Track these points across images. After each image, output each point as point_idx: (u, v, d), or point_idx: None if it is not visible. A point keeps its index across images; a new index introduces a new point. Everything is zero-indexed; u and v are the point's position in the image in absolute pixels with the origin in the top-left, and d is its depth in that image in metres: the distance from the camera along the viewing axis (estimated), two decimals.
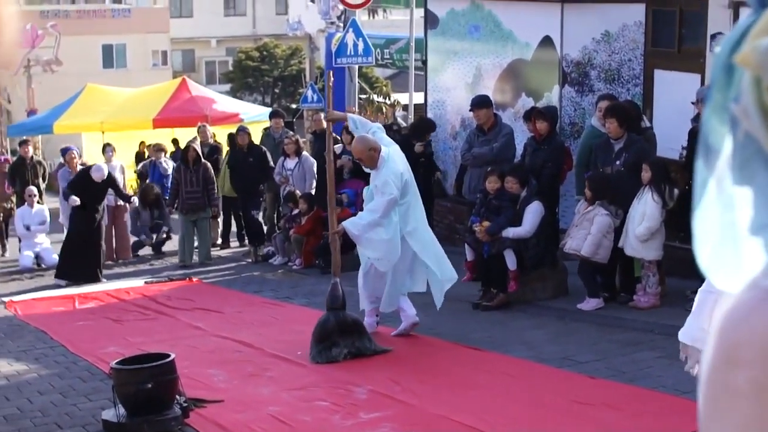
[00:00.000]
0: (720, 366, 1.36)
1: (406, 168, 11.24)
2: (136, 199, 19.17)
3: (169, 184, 19.77)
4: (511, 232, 12.59)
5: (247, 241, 19.49)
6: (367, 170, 11.64)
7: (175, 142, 26.04)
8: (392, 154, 11.17)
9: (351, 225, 11.10)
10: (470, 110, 15.06)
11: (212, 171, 18.59)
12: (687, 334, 5.35)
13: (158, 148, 22.45)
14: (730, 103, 1.40)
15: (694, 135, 11.93)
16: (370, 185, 11.42)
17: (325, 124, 13.81)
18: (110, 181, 17.40)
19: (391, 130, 17.81)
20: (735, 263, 1.44)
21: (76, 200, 16.98)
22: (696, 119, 12.28)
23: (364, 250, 11.36)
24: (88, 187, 16.96)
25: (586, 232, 12.18)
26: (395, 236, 11.06)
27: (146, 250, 20.17)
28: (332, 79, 12.23)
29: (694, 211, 1.51)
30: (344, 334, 10.69)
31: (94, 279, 16.83)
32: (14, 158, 23.32)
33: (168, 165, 21.75)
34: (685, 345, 5.42)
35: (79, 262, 16.78)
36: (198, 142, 20.23)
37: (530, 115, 14.29)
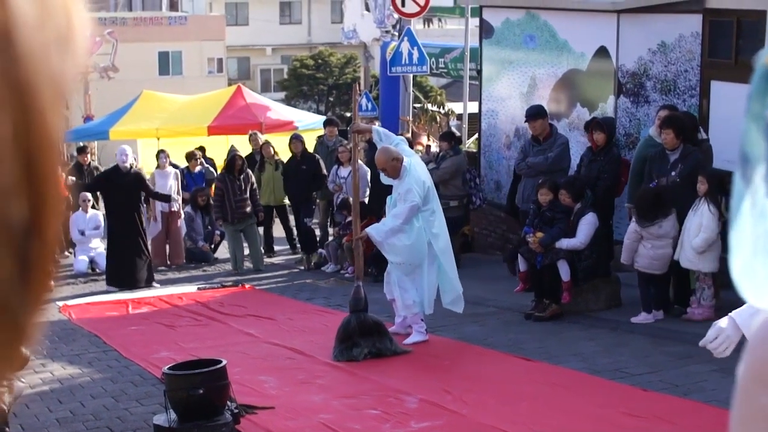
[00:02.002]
0: (748, 383, 1.34)
1: (427, 177, 11.77)
2: (176, 200, 19.12)
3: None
4: (564, 244, 12.54)
5: (299, 249, 19.59)
6: (387, 182, 11.95)
7: (201, 149, 26.15)
8: (414, 164, 11.65)
9: (374, 231, 11.62)
10: (525, 121, 15.02)
11: (253, 177, 18.73)
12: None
13: (194, 158, 22.39)
14: (766, 111, 1.38)
15: None
16: (393, 194, 11.81)
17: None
18: (139, 180, 17.36)
19: (453, 137, 17.78)
20: (765, 277, 1.42)
21: (173, 203, 17.21)
22: None
23: (386, 255, 11.82)
24: (117, 184, 16.97)
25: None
26: (417, 241, 11.52)
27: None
28: (359, 91, 12.58)
29: (730, 223, 1.49)
30: (365, 335, 11.18)
31: (142, 284, 16.90)
32: (71, 164, 23.48)
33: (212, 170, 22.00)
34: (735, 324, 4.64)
35: (124, 268, 16.84)
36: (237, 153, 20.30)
37: (589, 126, 14.26)
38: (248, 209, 18.34)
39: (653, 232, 11.95)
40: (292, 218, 20.45)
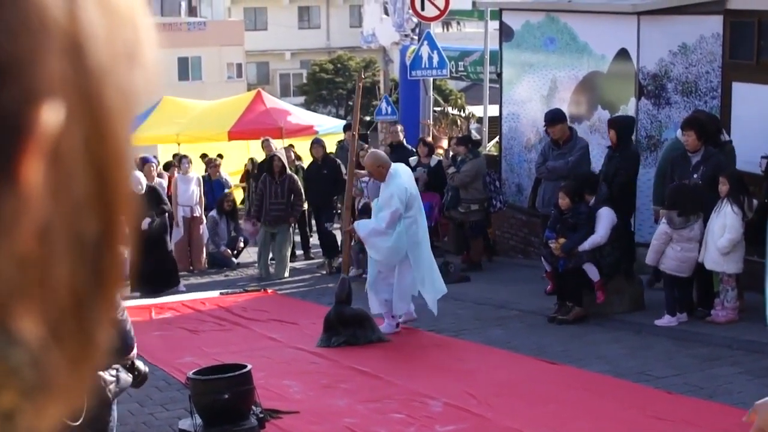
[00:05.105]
0: None
1: (411, 185, 12.30)
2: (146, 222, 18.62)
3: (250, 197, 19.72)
4: (587, 244, 12.50)
5: (312, 255, 19.75)
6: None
7: (203, 156, 26.29)
8: (399, 170, 12.21)
9: (360, 227, 12.44)
10: (544, 127, 14.98)
11: (299, 183, 18.61)
12: None
13: (215, 164, 22.54)
14: None
15: None
16: (379, 198, 12.45)
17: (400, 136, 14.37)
18: (155, 196, 17.27)
19: (471, 141, 17.78)
20: None
21: (146, 222, 17.09)
22: None
23: (369, 251, 12.54)
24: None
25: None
26: (398, 244, 12.03)
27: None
28: (364, 81, 13.47)
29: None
30: (345, 324, 12.00)
31: (168, 287, 16.91)
32: None
33: (228, 178, 22.13)
34: None
35: (146, 275, 16.80)
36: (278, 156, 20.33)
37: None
38: (283, 214, 18.27)
39: (684, 234, 11.91)
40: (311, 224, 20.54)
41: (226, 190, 21.46)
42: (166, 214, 17.36)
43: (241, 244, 20.57)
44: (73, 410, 0.73)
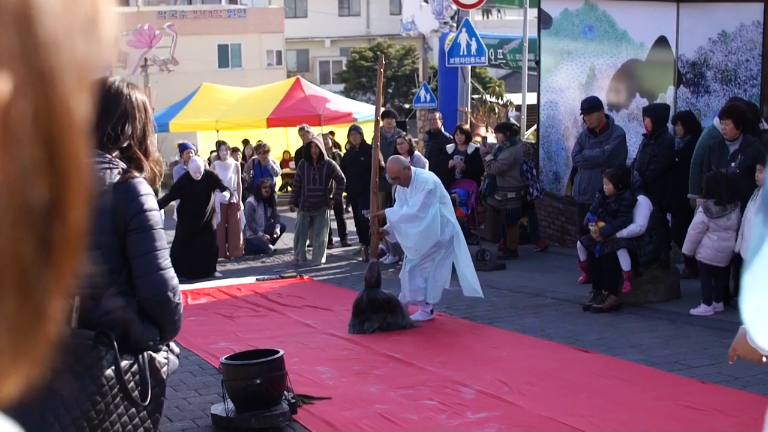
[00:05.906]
0: None
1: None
2: (226, 195, 18.77)
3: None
4: (625, 232, 12.46)
5: (349, 242, 19.73)
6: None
7: (245, 142, 26.38)
8: (420, 170, 12.53)
9: (390, 212, 12.39)
10: (581, 115, 14.92)
11: (339, 169, 18.66)
12: None
13: (265, 150, 22.59)
14: None
15: None
16: (400, 201, 12.40)
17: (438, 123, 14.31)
18: (212, 181, 17.43)
19: (509, 128, 17.72)
20: None
21: (225, 196, 17.31)
22: None
23: (398, 237, 12.49)
24: (191, 191, 17.12)
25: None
26: (430, 229, 11.98)
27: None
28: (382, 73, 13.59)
29: (747, 264, 1.45)
30: (377, 310, 12.01)
31: (206, 274, 17.03)
32: None
33: (276, 165, 22.19)
34: None
35: (188, 260, 16.88)
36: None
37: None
38: (321, 200, 18.35)
39: (721, 224, 11.84)
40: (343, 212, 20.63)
41: (275, 177, 21.62)
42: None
43: (278, 231, 20.64)
44: (29, 381, 0.73)
